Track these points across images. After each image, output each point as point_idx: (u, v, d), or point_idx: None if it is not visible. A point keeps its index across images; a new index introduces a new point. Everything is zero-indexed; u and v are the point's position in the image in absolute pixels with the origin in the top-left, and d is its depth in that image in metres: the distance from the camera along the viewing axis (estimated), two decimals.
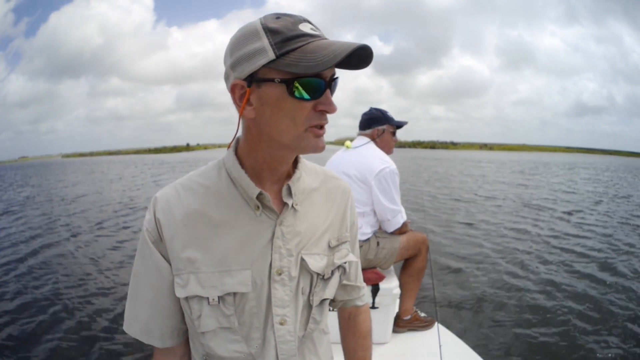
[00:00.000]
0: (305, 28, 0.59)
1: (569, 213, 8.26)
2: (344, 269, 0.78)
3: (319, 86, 0.59)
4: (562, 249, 5.40)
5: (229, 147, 0.71)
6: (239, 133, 0.69)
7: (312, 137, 0.62)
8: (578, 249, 5.40)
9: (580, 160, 52.29)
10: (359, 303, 0.90)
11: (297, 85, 0.58)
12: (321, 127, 0.62)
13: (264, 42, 0.58)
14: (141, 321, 0.71)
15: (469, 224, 7.14)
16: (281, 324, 0.70)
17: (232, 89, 0.62)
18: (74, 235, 6.76)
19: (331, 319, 0.88)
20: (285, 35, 0.57)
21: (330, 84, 0.61)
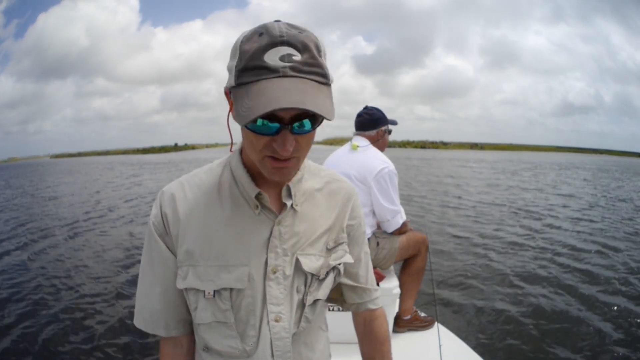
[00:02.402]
0: (271, 57, 0.55)
1: (571, 217, 8.10)
2: (339, 270, 0.78)
3: (269, 128, 0.57)
4: (563, 251, 5.38)
5: (231, 148, 0.74)
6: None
7: (268, 166, 0.61)
8: (579, 251, 5.38)
9: (573, 160, 52.22)
10: (372, 306, 0.89)
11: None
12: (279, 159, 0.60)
13: (234, 63, 0.58)
14: (147, 312, 0.74)
15: (469, 224, 7.14)
16: (276, 320, 0.71)
17: (225, 91, 0.64)
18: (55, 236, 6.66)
19: (329, 318, 0.89)
20: (244, 65, 0.56)
21: (292, 123, 0.57)
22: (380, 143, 2.15)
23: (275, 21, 0.59)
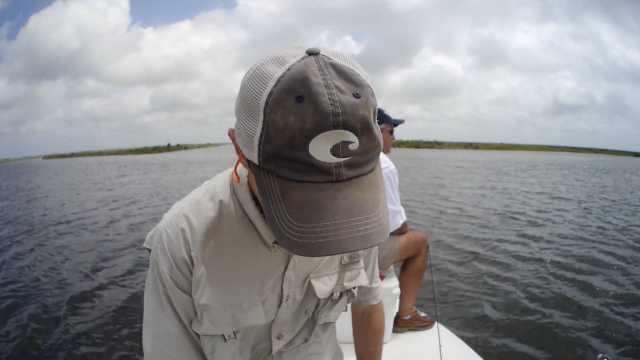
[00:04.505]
0: (320, 149, 0.40)
1: (575, 218, 7.90)
2: (353, 294, 0.76)
3: None
4: (565, 252, 5.34)
5: (233, 175, 0.62)
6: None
7: None
8: (582, 252, 5.32)
9: (569, 160, 51.87)
10: (374, 302, 0.89)
11: None
12: None
13: (256, 134, 0.42)
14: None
15: (470, 225, 7.11)
16: (278, 338, 0.70)
17: (230, 135, 0.52)
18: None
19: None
20: (277, 150, 0.41)
21: None
22: None
23: (311, 54, 0.43)
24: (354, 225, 0.40)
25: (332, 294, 0.72)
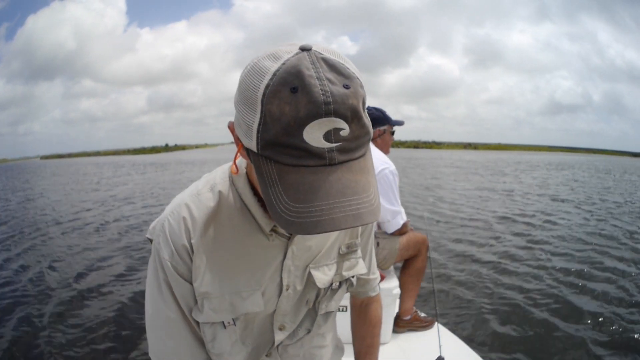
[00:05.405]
0: (314, 135, 0.43)
1: (578, 219, 7.80)
2: (352, 282, 0.78)
3: None
4: (566, 253, 5.29)
5: (232, 166, 0.64)
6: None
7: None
8: (583, 254, 5.26)
9: (568, 160, 51.50)
10: (372, 294, 0.91)
11: None
12: None
13: (254, 123, 0.45)
14: (185, 354, 0.66)
15: (470, 226, 7.09)
16: (280, 329, 0.72)
17: (230, 127, 0.54)
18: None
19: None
20: (273, 138, 0.44)
21: None
22: (380, 143, 2.14)
23: (304, 50, 0.46)
24: (346, 205, 0.43)
25: (331, 284, 0.73)
